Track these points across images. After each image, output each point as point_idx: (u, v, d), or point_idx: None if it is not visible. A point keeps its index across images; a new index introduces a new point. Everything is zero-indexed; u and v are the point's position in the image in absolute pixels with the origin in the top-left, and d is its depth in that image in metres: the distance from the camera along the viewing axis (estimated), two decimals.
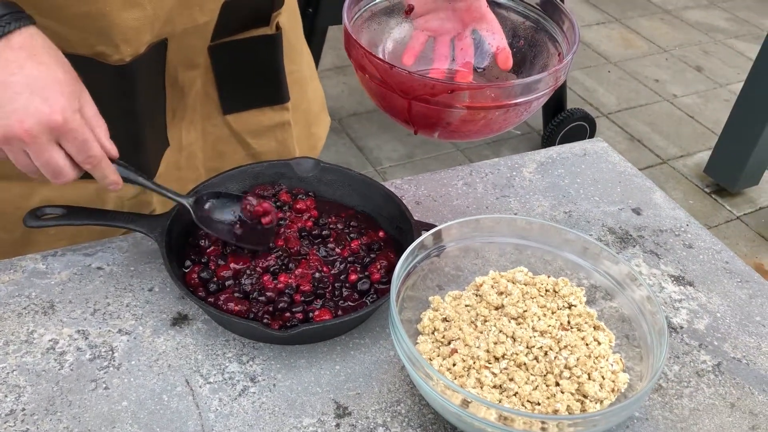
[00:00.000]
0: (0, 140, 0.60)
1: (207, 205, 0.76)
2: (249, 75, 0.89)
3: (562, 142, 2.35)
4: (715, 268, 0.87)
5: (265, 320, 0.70)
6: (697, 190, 2.56)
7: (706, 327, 0.80)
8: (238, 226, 0.74)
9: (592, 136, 2.60)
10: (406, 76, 0.69)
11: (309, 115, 1.01)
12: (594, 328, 0.71)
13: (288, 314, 0.71)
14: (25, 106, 0.58)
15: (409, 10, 0.82)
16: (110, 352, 0.70)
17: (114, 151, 0.67)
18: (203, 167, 0.93)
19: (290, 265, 0.75)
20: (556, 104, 2.57)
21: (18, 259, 0.79)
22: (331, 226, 0.81)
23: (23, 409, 0.65)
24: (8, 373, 0.67)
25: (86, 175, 0.68)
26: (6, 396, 0.66)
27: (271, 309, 0.71)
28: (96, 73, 0.72)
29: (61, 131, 0.60)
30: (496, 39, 0.80)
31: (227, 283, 0.73)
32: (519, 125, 0.84)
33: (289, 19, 0.94)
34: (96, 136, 0.65)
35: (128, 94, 0.77)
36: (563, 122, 2.54)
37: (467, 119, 0.71)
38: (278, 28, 0.89)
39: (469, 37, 0.81)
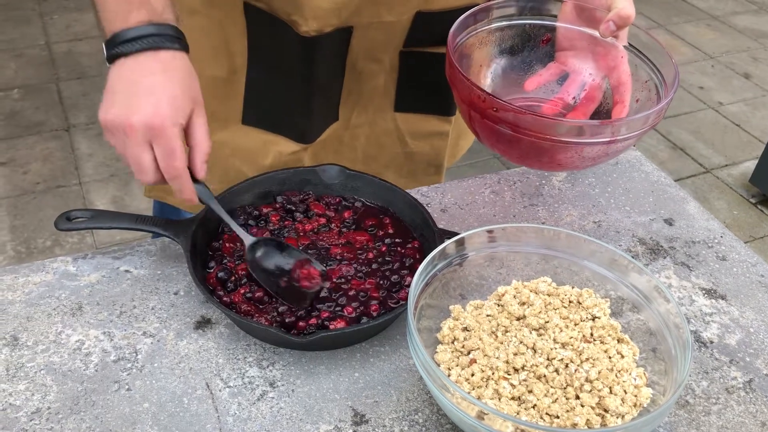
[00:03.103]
0: (110, 125, 0.69)
1: (260, 252, 0.76)
2: (428, 85, 0.95)
3: None
4: (750, 282, 0.85)
5: (287, 319, 0.71)
6: (742, 201, 2.49)
7: (737, 342, 0.77)
8: (285, 280, 0.75)
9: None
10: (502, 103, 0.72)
11: (459, 128, 1.06)
12: (618, 340, 0.70)
13: (308, 320, 0.71)
14: (139, 104, 0.68)
15: (546, 40, 0.85)
16: (134, 354, 0.71)
17: (202, 173, 0.73)
18: (361, 150, 0.99)
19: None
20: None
21: (50, 261, 0.81)
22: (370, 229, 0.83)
23: (48, 408, 0.66)
24: (36, 372, 0.69)
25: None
26: (33, 394, 0.67)
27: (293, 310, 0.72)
28: (287, 36, 0.84)
29: (155, 134, 0.68)
30: (619, 91, 0.81)
31: (243, 281, 0.74)
32: None
33: None
34: (193, 153, 0.72)
35: (307, 63, 0.86)
36: None
37: (557, 148, 0.74)
38: None
39: (602, 84, 0.83)
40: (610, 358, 0.67)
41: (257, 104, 0.91)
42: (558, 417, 0.62)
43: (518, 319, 0.71)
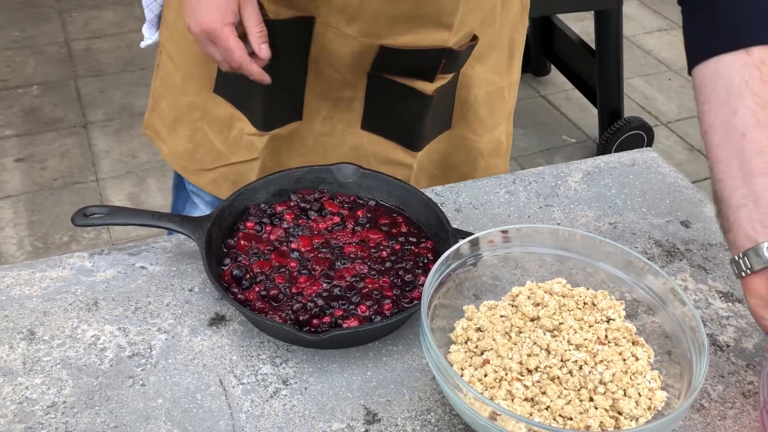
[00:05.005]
0: (191, 31, 0.82)
1: None
2: (394, 113, 0.95)
3: (618, 152, 2.30)
4: None
5: (301, 317, 0.71)
6: None
7: (754, 346, 0.77)
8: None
9: (650, 145, 2.53)
10: None
11: (464, 176, 1.04)
12: (632, 343, 0.69)
13: (321, 318, 0.71)
14: (195, 13, 0.80)
15: None
16: (148, 350, 0.72)
17: (263, 53, 0.81)
18: (325, 159, 0.98)
19: (336, 263, 0.77)
20: (612, 112, 2.52)
21: (66, 257, 0.81)
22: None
23: (64, 402, 0.67)
24: (52, 366, 0.70)
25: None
26: (49, 388, 0.68)
27: (305, 306, 0.72)
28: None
29: (212, 36, 0.80)
30: None
31: (258, 279, 0.74)
32: (574, 133, 0.82)
33: (488, 94, 1.00)
34: (250, 40, 0.81)
35: (271, 49, 0.86)
36: (620, 131, 2.49)
37: None
38: (438, 90, 0.93)
39: None
40: (624, 360, 0.67)
41: (227, 77, 0.93)
42: (571, 419, 0.62)
43: (532, 320, 0.71)
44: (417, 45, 0.87)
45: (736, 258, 0.68)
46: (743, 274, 0.67)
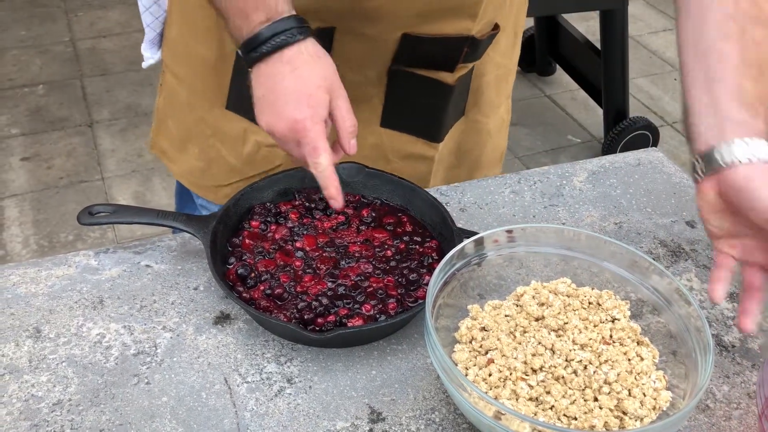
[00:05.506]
0: (265, 130, 0.75)
1: None
2: (415, 106, 0.94)
3: (623, 152, 2.29)
4: None
5: (305, 315, 0.71)
6: None
7: (760, 347, 0.76)
8: None
9: (655, 145, 2.53)
10: None
11: (478, 162, 1.06)
12: (637, 343, 0.69)
13: (326, 316, 0.71)
14: (279, 111, 0.72)
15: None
16: (153, 348, 0.72)
17: (351, 149, 0.76)
18: (353, 157, 0.97)
19: (341, 263, 0.77)
20: (617, 112, 2.51)
21: (72, 255, 0.82)
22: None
23: (69, 400, 0.67)
24: (58, 364, 0.70)
25: None
26: (55, 386, 0.68)
27: (310, 304, 0.72)
28: None
29: (299, 135, 0.72)
30: None
31: (262, 278, 0.74)
32: (579, 133, 0.82)
33: (497, 77, 1.00)
34: (339, 135, 0.75)
35: None
36: (625, 131, 2.48)
37: None
38: (459, 80, 0.93)
39: None
40: (629, 360, 0.67)
41: (242, 92, 0.90)
42: (576, 419, 0.62)
43: (537, 319, 0.71)
44: (440, 33, 0.86)
45: (692, 162, 0.69)
46: (697, 179, 0.68)
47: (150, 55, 1.01)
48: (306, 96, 0.72)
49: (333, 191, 0.74)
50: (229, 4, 0.73)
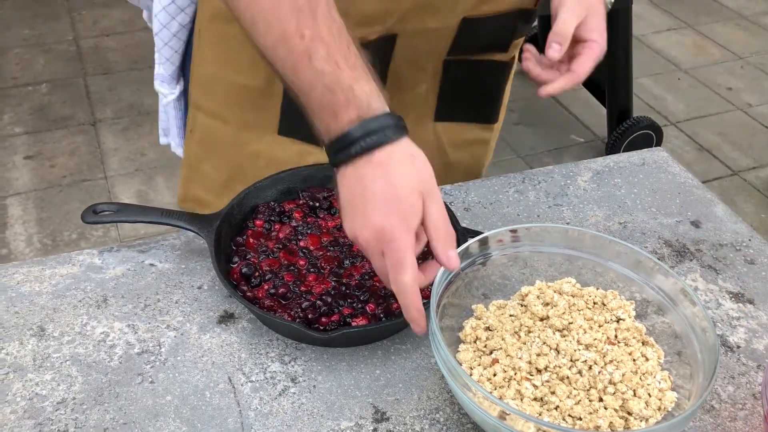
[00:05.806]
0: (350, 236, 0.67)
1: None
2: (471, 92, 0.94)
3: (626, 151, 2.29)
4: None
5: (309, 315, 0.71)
6: None
7: (765, 347, 0.76)
8: None
9: (658, 145, 2.52)
10: None
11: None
12: (642, 343, 0.69)
13: (330, 315, 0.71)
14: (366, 219, 0.64)
15: None
16: (158, 347, 0.72)
17: (454, 263, 0.65)
18: None
19: (345, 262, 0.77)
20: (621, 111, 2.51)
21: (76, 253, 0.82)
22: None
23: (74, 399, 0.67)
24: (62, 362, 0.70)
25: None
26: (59, 384, 0.68)
27: (313, 303, 0.72)
28: None
29: (385, 245, 0.64)
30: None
31: (267, 277, 0.74)
32: (582, 132, 0.83)
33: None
34: (432, 245, 0.66)
35: None
36: (628, 130, 2.48)
37: None
38: (513, 58, 0.94)
39: None
40: (634, 360, 0.67)
41: (294, 114, 0.85)
42: (581, 419, 0.62)
43: (541, 319, 0.71)
44: (497, 11, 0.87)
45: None
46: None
47: (168, 91, 0.96)
48: (397, 202, 0.63)
49: (414, 314, 0.64)
50: (312, 94, 0.65)
